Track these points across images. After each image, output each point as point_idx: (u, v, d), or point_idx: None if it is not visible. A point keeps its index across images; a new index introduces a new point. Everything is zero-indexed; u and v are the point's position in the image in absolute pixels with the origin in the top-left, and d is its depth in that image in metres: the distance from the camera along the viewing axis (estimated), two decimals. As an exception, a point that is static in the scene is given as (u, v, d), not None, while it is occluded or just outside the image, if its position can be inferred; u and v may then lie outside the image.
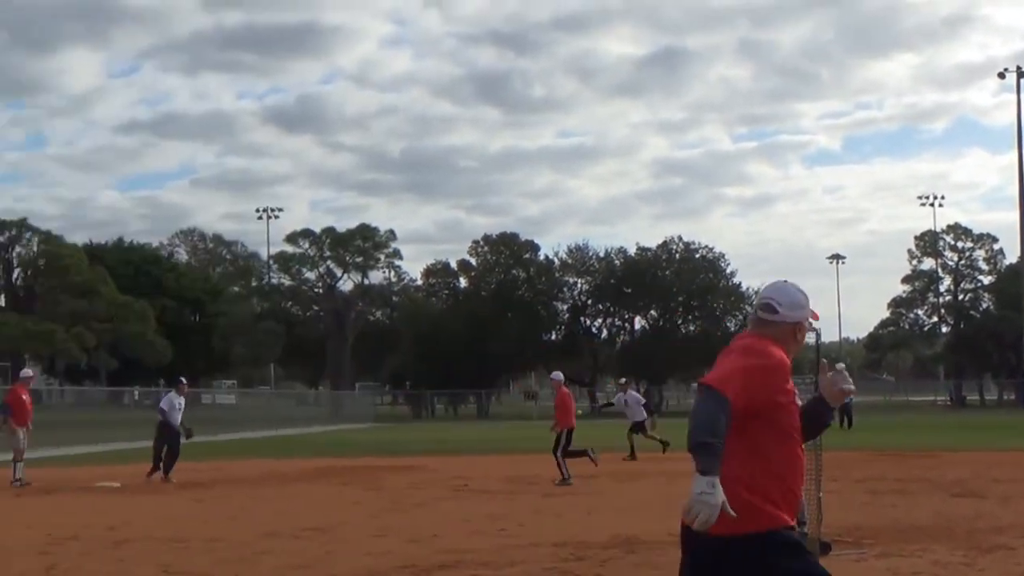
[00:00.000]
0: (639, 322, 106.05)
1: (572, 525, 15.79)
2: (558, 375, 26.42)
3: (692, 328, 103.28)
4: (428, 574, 11.72)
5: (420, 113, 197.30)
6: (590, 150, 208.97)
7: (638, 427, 31.85)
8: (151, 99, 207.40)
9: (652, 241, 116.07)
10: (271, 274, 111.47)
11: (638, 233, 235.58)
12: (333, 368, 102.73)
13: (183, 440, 25.34)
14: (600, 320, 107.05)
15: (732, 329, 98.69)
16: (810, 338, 13.76)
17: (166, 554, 13.37)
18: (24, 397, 24.45)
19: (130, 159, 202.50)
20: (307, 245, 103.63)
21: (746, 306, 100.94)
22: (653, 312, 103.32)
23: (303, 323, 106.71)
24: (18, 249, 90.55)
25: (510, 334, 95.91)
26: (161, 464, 24.60)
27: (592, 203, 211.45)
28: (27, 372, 26.60)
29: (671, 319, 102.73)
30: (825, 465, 13.17)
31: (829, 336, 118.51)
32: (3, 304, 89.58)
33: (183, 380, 26.94)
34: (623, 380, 36.99)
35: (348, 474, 26.36)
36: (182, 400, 25.76)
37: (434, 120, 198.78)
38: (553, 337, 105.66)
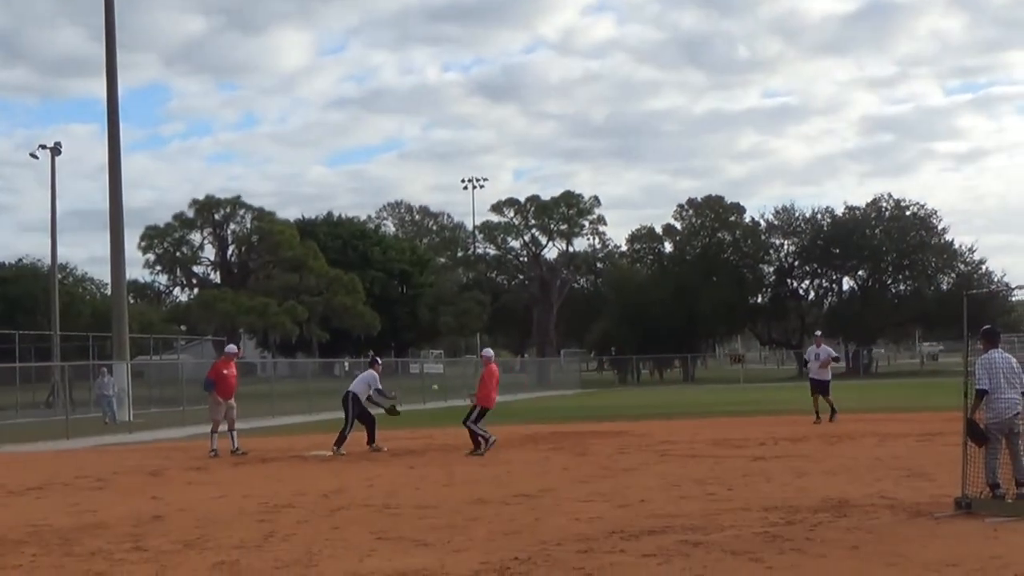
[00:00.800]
0: (847, 282, 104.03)
1: (781, 489, 15.62)
2: (488, 352, 26.02)
3: (903, 287, 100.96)
4: (637, 539, 11.71)
5: (623, 79, 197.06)
6: (795, 109, 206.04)
7: (819, 387, 29.80)
8: (358, 75, 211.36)
9: (861, 200, 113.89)
10: (477, 244, 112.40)
11: (846, 192, 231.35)
12: (539, 335, 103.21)
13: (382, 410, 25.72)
14: (807, 281, 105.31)
15: (945, 288, 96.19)
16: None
17: (379, 521, 13.63)
18: (225, 371, 25.08)
19: (339, 134, 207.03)
20: (512, 214, 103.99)
21: (959, 264, 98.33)
22: (861, 272, 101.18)
23: (508, 292, 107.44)
24: (232, 226, 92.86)
25: (716, 298, 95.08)
26: (368, 434, 24.91)
27: (798, 163, 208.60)
28: (231, 348, 27.12)
29: (880, 279, 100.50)
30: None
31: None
32: (218, 280, 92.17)
33: (378, 360, 27.11)
34: (818, 333, 35.63)
35: (555, 440, 26.51)
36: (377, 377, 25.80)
37: (638, 85, 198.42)
38: (759, 300, 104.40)
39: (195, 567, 10.88)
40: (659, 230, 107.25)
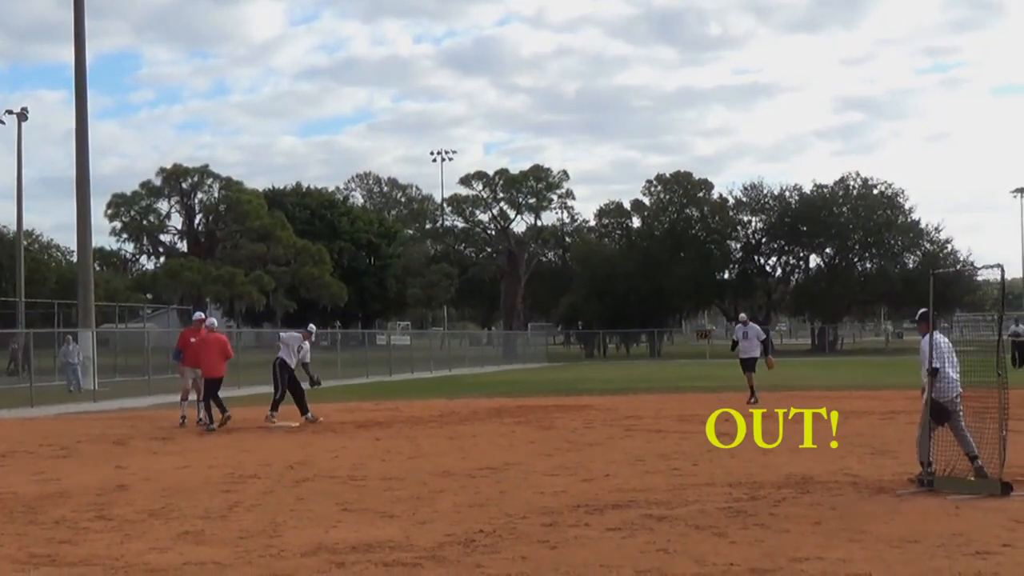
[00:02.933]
0: (814, 260, 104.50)
1: (746, 465, 15.68)
2: (198, 314, 25.95)
3: (869, 265, 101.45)
4: (601, 513, 11.74)
5: (595, 53, 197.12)
6: (766, 87, 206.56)
7: (749, 364, 29.18)
8: (330, 46, 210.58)
9: (829, 178, 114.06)
10: (445, 216, 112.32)
11: (815, 170, 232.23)
12: (506, 309, 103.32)
13: (308, 387, 25.25)
14: (774, 258, 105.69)
15: (911, 266, 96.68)
16: (994, 275, 13.43)
17: (345, 492, 13.63)
18: (192, 339, 24.91)
19: (309, 105, 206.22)
20: (480, 187, 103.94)
21: (925, 243, 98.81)
22: (828, 250, 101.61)
23: (476, 264, 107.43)
24: (200, 195, 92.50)
25: (683, 273, 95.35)
26: (276, 401, 24.56)
27: (767, 141, 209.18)
28: (198, 315, 26.83)
29: (847, 256, 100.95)
30: (1010, 404, 12.78)
31: (1013, 273, 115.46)
32: (185, 249, 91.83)
33: (312, 328, 26.82)
34: (742, 315, 35.15)
35: (521, 413, 26.52)
36: (307, 345, 25.33)
37: (609, 60, 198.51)
38: (726, 276, 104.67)
39: (159, 536, 10.86)
40: (627, 205, 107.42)
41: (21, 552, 10.15)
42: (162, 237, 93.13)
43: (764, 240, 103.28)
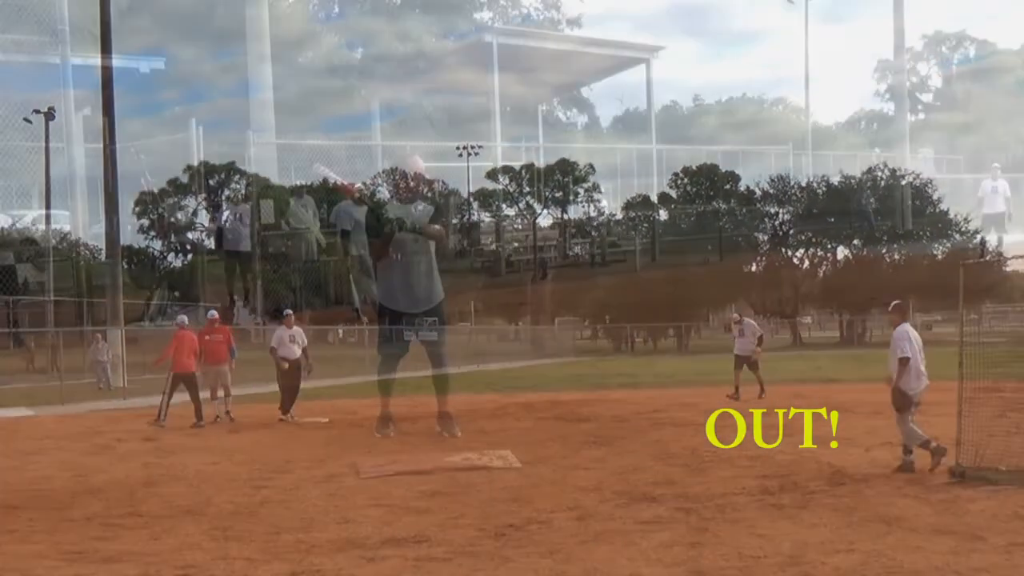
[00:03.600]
0: (841, 251, 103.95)
1: (777, 456, 15.62)
2: (211, 313, 25.83)
3: (897, 256, 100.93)
4: (631, 506, 11.72)
5: (620, 47, 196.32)
6: (793, 79, 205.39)
7: (742, 361, 28.72)
8: (355, 42, 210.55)
9: (857, 169, 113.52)
10: (471, 211, 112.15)
11: (842, 161, 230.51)
12: (533, 304, 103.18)
13: (304, 375, 25.06)
14: (802, 250, 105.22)
15: (939, 257, 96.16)
16: None
17: (374, 487, 13.63)
18: (208, 337, 24.81)
19: (335, 101, 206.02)
20: (506, 181, 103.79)
21: (954, 234, 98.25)
22: (856, 241, 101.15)
23: (503, 259, 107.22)
24: (227, 192, 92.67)
25: (710, 266, 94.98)
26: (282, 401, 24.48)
27: (795, 132, 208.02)
28: (211, 313, 26.49)
29: (875, 248, 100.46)
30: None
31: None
32: (212, 247, 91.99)
33: (289, 312, 26.31)
34: (736, 312, 34.56)
35: (550, 408, 26.46)
36: (293, 332, 25.05)
37: (635, 53, 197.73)
38: (753, 268, 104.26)
39: (190, 532, 10.89)
40: (654, 198, 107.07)
41: (54, 549, 10.20)
42: (189, 235, 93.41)
43: (791, 232, 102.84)
